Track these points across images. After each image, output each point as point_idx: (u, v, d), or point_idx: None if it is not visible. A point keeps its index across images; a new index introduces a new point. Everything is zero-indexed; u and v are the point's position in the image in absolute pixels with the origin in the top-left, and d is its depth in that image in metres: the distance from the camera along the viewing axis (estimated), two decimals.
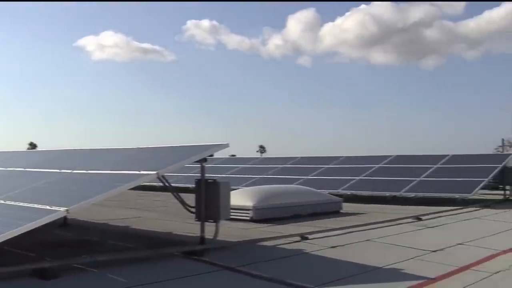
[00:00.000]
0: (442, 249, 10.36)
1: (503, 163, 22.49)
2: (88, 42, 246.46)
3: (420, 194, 21.00)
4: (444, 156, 25.13)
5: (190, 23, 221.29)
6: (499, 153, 53.93)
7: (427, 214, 15.89)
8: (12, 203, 9.32)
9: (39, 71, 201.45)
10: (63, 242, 11.12)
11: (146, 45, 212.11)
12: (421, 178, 22.67)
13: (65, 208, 7.78)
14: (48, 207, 8.12)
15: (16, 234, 7.23)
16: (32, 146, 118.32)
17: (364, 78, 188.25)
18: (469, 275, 8.24)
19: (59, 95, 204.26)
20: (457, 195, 20.00)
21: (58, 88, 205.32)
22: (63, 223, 13.01)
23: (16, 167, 13.72)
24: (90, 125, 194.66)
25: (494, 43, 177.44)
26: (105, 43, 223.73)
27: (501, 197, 22.54)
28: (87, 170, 10.92)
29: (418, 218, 15.07)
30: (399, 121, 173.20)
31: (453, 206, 18.30)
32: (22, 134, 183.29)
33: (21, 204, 9.04)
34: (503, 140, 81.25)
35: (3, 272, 7.31)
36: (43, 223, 7.55)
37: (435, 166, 23.96)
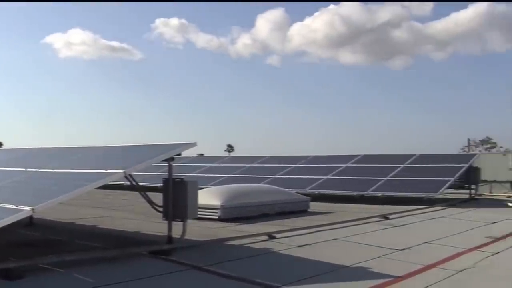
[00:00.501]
0: (408, 248, 10.44)
1: (469, 163, 22.75)
2: (56, 40, 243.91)
3: (387, 194, 21.13)
4: (411, 155, 25.35)
5: (159, 21, 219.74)
6: (465, 153, 54.58)
7: (394, 213, 16.03)
8: None
9: (4, 67, 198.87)
10: (29, 242, 11.01)
11: (114, 43, 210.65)
12: (388, 178, 22.84)
13: (31, 207, 7.69)
14: (13, 206, 8.02)
15: None
16: None
17: (333, 78, 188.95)
18: (435, 273, 8.32)
19: (25, 92, 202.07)
20: (423, 195, 20.17)
21: (24, 86, 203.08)
22: (29, 222, 12.86)
23: None
24: (56, 124, 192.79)
25: (461, 45, 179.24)
26: (72, 41, 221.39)
27: (467, 196, 22.78)
28: (53, 169, 10.83)
29: (385, 217, 15.18)
30: (367, 121, 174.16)
31: (420, 205, 18.48)
32: None
33: None
34: (469, 140, 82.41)
35: None
36: (8, 222, 7.47)
37: (402, 165, 24.16)
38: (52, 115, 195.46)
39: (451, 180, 21.15)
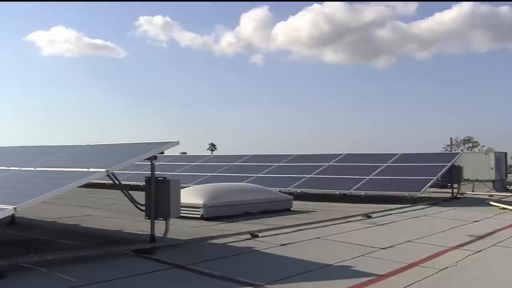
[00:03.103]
0: (391, 247, 10.48)
1: (451, 162, 22.84)
2: (38, 37, 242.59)
3: (370, 192, 21.19)
4: (394, 154, 25.45)
5: (142, 19, 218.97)
6: (447, 152, 54.90)
7: (377, 212, 16.09)
8: None
9: None
10: (11, 241, 10.97)
11: (97, 41, 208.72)
12: (371, 177, 22.90)
13: (13, 206, 7.66)
14: None
15: None
16: None
17: (317, 77, 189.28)
18: (418, 271, 8.35)
19: (7, 90, 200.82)
20: (406, 193, 20.26)
21: (6, 83, 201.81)
22: (11, 221, 12.80)
23: None
24: (38, 122, 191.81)
25: (445, 44, 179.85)
26: (55, 39, 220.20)
27: (449, 195, 22.89)
28: (36, 167, 10.78)
29: (367, 216, 15.23)
30: (349, 120, 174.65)
31: (403, 204, 18.58)
32: None
33: None
34: (451, 139, 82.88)
35: None
36: None
37: (385, 164, 24.23)
38: (35, 113, 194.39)
39: (434, 179, 21.24)
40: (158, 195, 9.78)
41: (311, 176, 24.52)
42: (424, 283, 7.66)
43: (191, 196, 14.88)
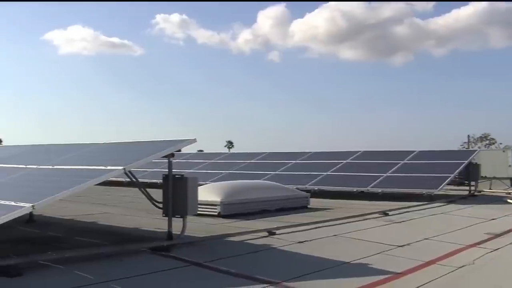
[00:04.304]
0: (408, 244, 10.44)
1: (469, 159, 22.73)
2: (56, 36, 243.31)
3: (387, 190, 21.12)
4: (411, 152, 25.33)
5: (159, 17, 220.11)
6: (464, 149, 54.61)
7: (394, 210, 16.02)
8: None
9: (5, 64, 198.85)
10: (29, 239, 11.02)
11: (114, 39, 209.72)
12: (388, 174, 22.81)
13: (31, 204, 7.71)
14: (13, 203, 8.04)
15: None
16: None
17: (333, 74, 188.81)
18: (435, 269, 8.32)
19: (25, 89, 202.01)
20: (423, 191, 20.17)
21: (24, 83, 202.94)
22: (29, 219, 12.87)
23: None
24: (56, 120, 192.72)
25: (462, 41, 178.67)
26: (72, 37, 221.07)
27: (467, 192, 22.76)
28: (53, 166, 10.83)
29: (385, 214, 15.18)
30: (366, 117, 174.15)
31: (420, 201, 18.46)
32: None
33: None
34: (468, 136, 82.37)
35: None
36: (9, 219, 7.48)
37: (402, 162, 24.13)
38: (52, 111, 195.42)
39: (451, 177, 21.15)
40: (176, 193, 9.79)
41: (328, 173, 24.47)
42: (441, 281, 7.63)
43: (208, 193, 14.91)
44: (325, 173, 24.44)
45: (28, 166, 11.35)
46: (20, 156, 13.48)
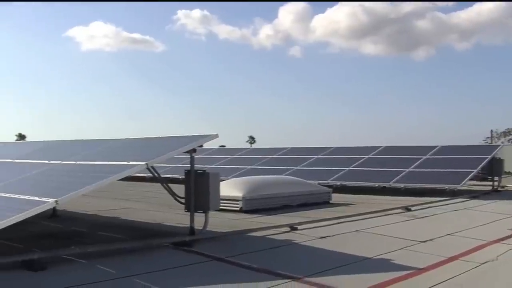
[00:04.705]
0: (431, 240, 10.40)
1: (492, 154, 22.54)
2: (77, 33, 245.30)
3: (409, 185, 21.02)
4: (433, 147, 25.18)
5: (180, 13, 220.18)
6: (487, 144, 54.19)
7: (416, 205, 15.94)
8: (1, 194, 9.30)
9: (28, 61, 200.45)
10: (52, 233, 11.11)
11: (136, 35, 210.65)
12: (410, 169, 22.70)
13: (54, 199, 7.77)
14: (37, 198, 8.11)
15: (5, 226, 7.22)
16: (21, 137, 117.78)
17: (355, 69, 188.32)
18: (458, 265, 8.28)
19: (48, 85, 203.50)
20: (446, 186, 20.06)
21: (47, 79, 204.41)
22: (52, 214, 12.97)
23: (4, 159, 13.68)
24: (79, 116, 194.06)
25: (485, 35, 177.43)
26: (94, 34, 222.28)
27: (490, 188, 22.58)
28: (76, 161, 10.90)
29: (407, 209, 15.11)
30: (389, 112, 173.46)
31: (442, 197, 18.39)
32: (10, 125, 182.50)
33: (10, 195, 9.02)
34: (491, 131, 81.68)
35: None
36: (32, 214, 7.54)
37: (424, 157, 24.00)
38: (75, 108, 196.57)
39: (474, 172, 21.00)
40: (198, 188, 9.83)
41: (350, 168, 24.40)
42: (464, 277, 7.59)
43: (230, 189, 14.93)
44: (347, 168, 24.38)
45: (51, 162, 11.43)
46: (43, 152, 13.57)
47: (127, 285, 6.97)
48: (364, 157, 25.72)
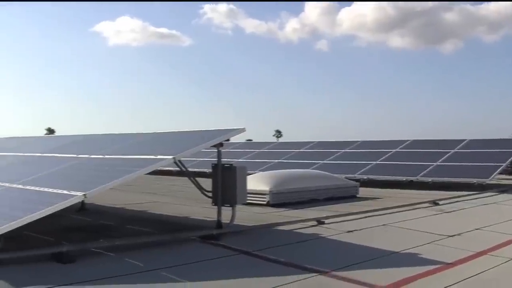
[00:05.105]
0: (459, 234, 10.32)
1: None
2: (105, 28, 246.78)
3: (437, 179, 20.91)
4: (461, 141, 24.97)
5: (207, 7, 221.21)
6: None
7: (444, 199, 15.84)
8: (31, 188, 9.40)
9: (56, 56, 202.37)
10: (81, 227, 11.21)
11: (163, 30, 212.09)
12: (438, 163, 22.55)
13: (83, 193, 7.84)
14: (66, 192, 8.18)
15: (35, 219, 7.31)
16: (50, 131, 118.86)
17: (382, 63, 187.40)
18: (487, 260, 8.21)
19: (77, 80, 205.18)
20: (474, 180, 19.89)
21: (76, 74, 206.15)
22: (81, 207, 13.08)
23: (34, 153, 13.81)
24: (106, 110, 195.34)
25: None
26: (121, 29, 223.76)
27: None
28: (104, 155, 10.97)
29: (435, 203, 15.03)
30: (416, 105, 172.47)
31: (470, 191, 18.24)
32: (40, 119, 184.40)
33: (40, 189, 9.11)
34: None
35: (23, 256, 7.41)
36: (61, 207, 7.62)
37: (452, 151, 23.81)
38: (102, 102, 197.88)
39: (503, 166, 20.82)
40: (225, 182, 9.84)
41: (377, 162, 24.30)
42: (492, 272, 7.52)
43: (257, 182, 14.94)
44: (374, 162, 24.29)
45: (79, 156, 11.52)
46: (72, 146, 13.66)
47: (155, 278, 7.01)
48: (391, 151, 25.59)
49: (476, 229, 11.01)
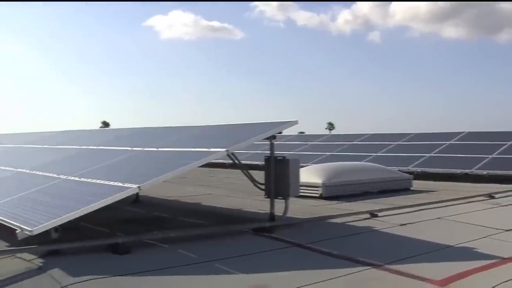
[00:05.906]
0: None
1: None
2: (157, 22, 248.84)
3: (493, 172, 20.53)
4: None
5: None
6: None
7: (500, 192, 15.56)
8: (87, 180, 9.56)
9: (110, 51, 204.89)
10: (135, 218, 11.37)
11: (215, 23, 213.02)
12: (494, 155, 22.17)
13: (137, 185, 7.95)
14: (120, 184, 8.30)
15: (90, 210, 7.44)
16: (105, 124, 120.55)
17: (436, 54, 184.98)
18: None
19: (129, 74, 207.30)
20: None
21: (130, 67, 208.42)
22: (135, 199, 13.26)
23: (89, 146, 14.03)
24: (161, 104, 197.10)
25: None
26: (173, 23, 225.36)
27: None
28: (157, 148, 11.07)
29: (490, 196, 14.79)
30: (472, 97, 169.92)
31: None
32: (95, 113, 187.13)
33: (95, 181, 9.26)
34: None
35: (80, 247, 7.56)
36: (116, 199, 7.74)
37: (509, 143, 23.30)
38: (155, 96, 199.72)
39: None
40: (278, 175, 9.85)
41: (431, 155, 24.03)
42: None
43: (309, 175, 14.92)
44: (428, 155, 24.01)
45: (134, 149, 11.65)
46: (126, 139, 13.84)
47: (208, 269, 7.06)
48: (445, 143, 25.27)
49: None
